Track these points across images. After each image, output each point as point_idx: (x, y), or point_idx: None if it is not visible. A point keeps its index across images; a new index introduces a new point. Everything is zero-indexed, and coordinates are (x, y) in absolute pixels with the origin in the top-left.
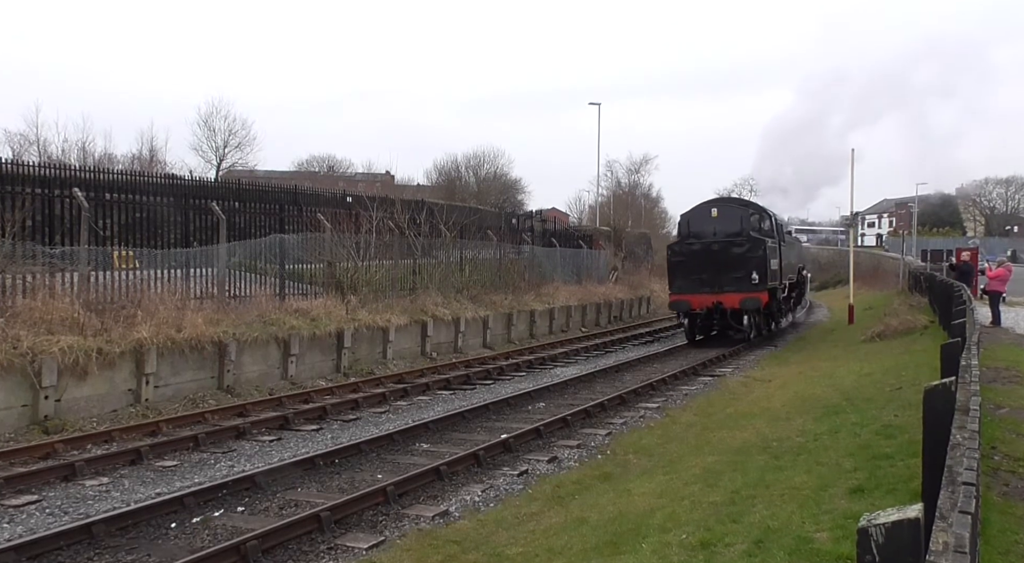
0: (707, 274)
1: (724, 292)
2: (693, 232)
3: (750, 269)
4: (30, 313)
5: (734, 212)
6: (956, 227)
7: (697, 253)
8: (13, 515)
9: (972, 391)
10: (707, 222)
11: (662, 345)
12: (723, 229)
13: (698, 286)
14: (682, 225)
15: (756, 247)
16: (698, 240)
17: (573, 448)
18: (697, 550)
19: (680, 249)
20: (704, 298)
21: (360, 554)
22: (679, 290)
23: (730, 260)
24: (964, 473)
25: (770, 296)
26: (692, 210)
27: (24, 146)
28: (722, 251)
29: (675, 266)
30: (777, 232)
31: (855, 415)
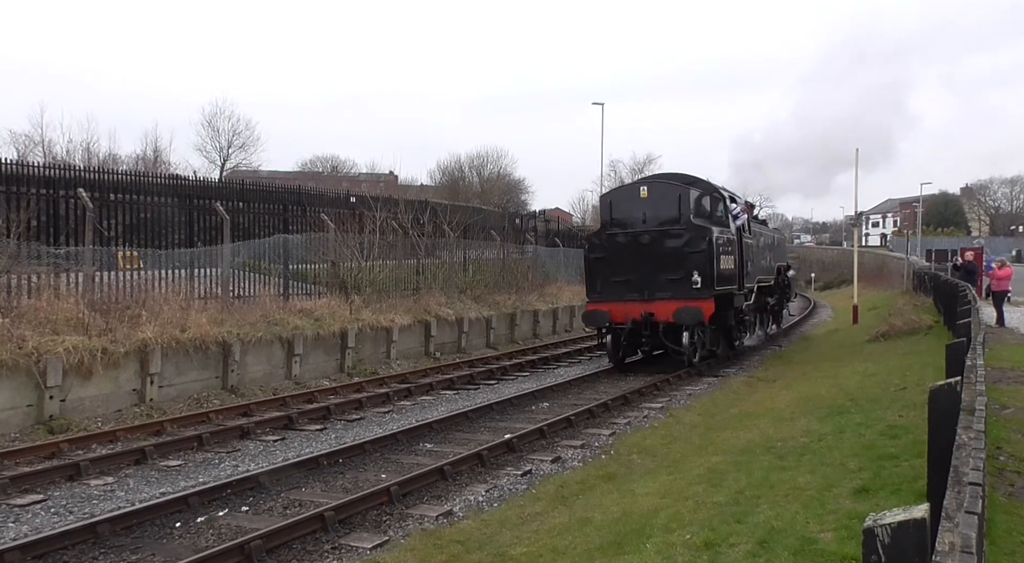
0: (634, 275)
1: (656, 299)
2: (617, 219)
3: (690, 268)
4: (35, 313)
5: (670, 192)
6: (961, 227)
7: (621, 247)
8: (19, 514)
9: (978, 391)
10: (635, 205)
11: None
12: (656, 214)
13: (622, 291)
14: (603, 210)
15: (698, 239)
16: (622, 230)
17: (577, 448)
18: (701, 550)
19: (598, 242)
20: (630, 308)
21: (364, 554)
22: (598, 297)
23: (664, 256)
24: (970, 473)
25: (720, 305)
26: (616, 190)
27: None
28: (654, 244)
29: (592, 265)
30: (734, 219)
31: (860, 415)
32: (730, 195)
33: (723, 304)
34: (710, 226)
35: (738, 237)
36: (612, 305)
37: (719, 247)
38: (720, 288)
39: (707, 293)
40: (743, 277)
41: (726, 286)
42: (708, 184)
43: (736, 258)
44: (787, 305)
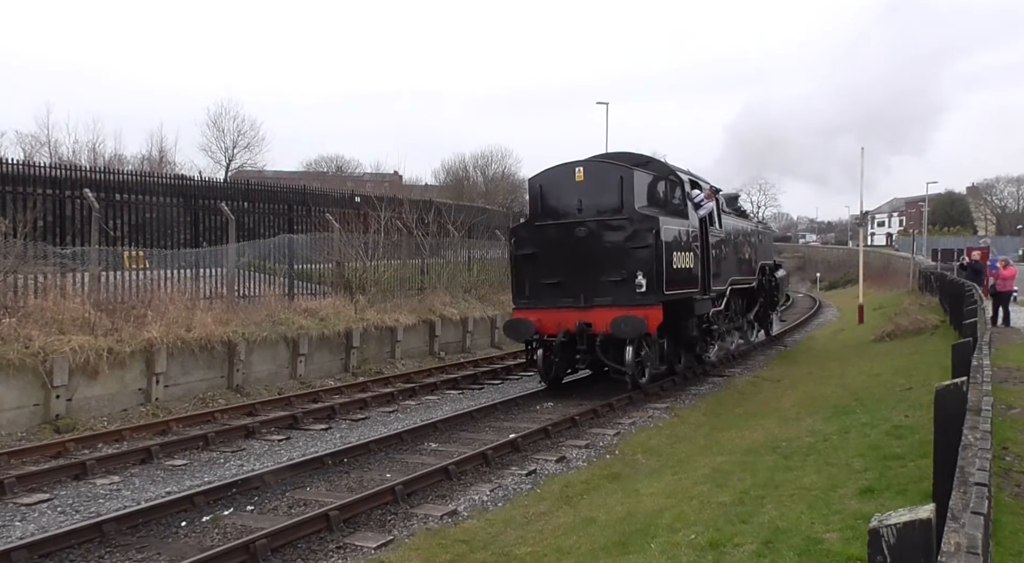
0: (568, 276)
1: (594, 306)
2: (548, 207)
3: (633, 268)
4: (42, 313)
5: (610, 174)
6: (967, 226)
7: (553, 242)
8: (25, 513)
9: (984, 391)
10: (569, 191)
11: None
12: (594, 202)
13: (554, 296)
14: (532, 196)
15: (644, 232)
16: (554, 221)
17: (581, 448)
18: (706, 550)
19: (526, 235)
20: (563, 316)
21: (369, 553)
22: (525, 303)
23: (603, 253)
24: (976, 474)
25: (674, 312)
26: (546, 172)
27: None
28: (591, 239)
29: (519, 264)
30: (696, 208)
31: (865, 415)
32: (691, 179)
33: (679, 311)
34: (660, 216)
35: (701, 230)
36: (542, 313)
37: (672, 242)
38: (673, 292)
39: (654, 298)
40: (708, 278)
41: (683, 289)
42: (662, 165)
43: (698, 256)
44: (778, 310)
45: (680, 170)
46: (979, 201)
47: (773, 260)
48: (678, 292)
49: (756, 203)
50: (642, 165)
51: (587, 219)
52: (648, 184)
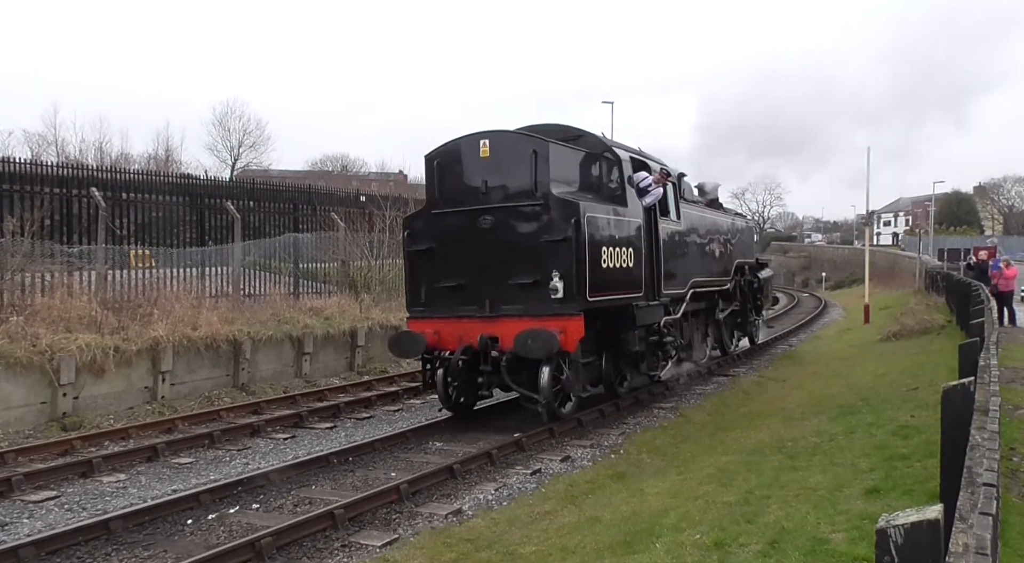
0: (471, 278)
1: (501, 316)
2: (448, 191)
3: (548, 267)
4: (49, 311)
5: (521, 148)
6: (974, 226)
7: (453, 235)
8: (32, 510)
9: (991, 391)
10: (473, 170)
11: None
12: (502, 184)
13: (454, 303)
14: (429, 177)
15: (561, 221)
16: (454, 208)
17: (586, 447)
18: (711, 550)
19: (422, 227)
20: (465, 327)
21: (374, 551)
22: (421, 311)
23: (513, 249)
24: (984, 474)
25: (609, 323)
26: (446, 147)
27: (43, 146)
28: (498, 230)
29: (414, 262)
30: (641, 194)
31: (871, 415)
32: (637, 158)
33: (618, 320)
34: (582, 202)
35: (649, 222)
36: (440, 323)
37: (601, 234)
38: (602, 297)
39: (574, 306)
40: (658, 280)
41: (618, 294)
42: (596, 140)
43: (643, 252)
44: (762, 315)
45: (623, 146)
46: (986, 201)
47: (755, 258)
48: (610, 297)
49: (761, 202)
50: (572, 140)
51: (493, 206)
52: (572, 162)
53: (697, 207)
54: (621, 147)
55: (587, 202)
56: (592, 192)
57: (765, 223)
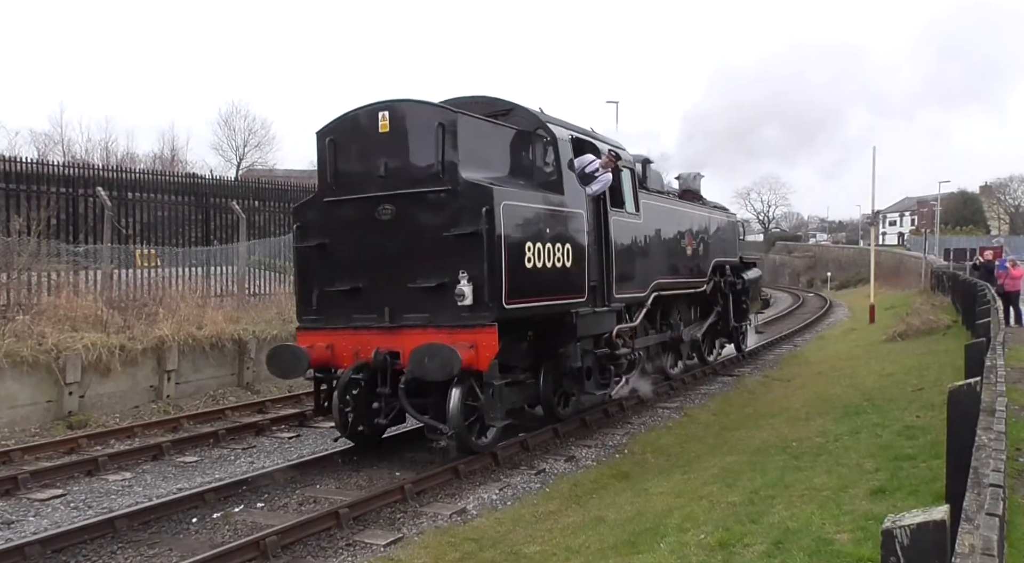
0: (369, 280)
1: (402, 327)
2: (343, 175)
3: (455, 267)
4: (55, 310)
5: (427, 122)
6: (980, 226)
7: (347, 228)
8: (39, 508)
9: (998, 392)
10: (372, 149)
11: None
12: (404, 165)
13: (349, 310)
14: (322, 158)
15: (471, 210)
16: (350, 196)
17: (590, 447)
18: (715, 550)
19: (314, 218)
20: (362, 339)
21: (378, 550)
22: (312, 320)
23: (415, 245)
24: (990, 475)
25: (541, 333)
26: (340, 120)
27: (49, 146)
28: (399, 222)
29: (303, 260)
30: (583, 180)
31: (876, 416)
32: (579, 137)
33: (554, 331)
34: (497, 187)
35: (598, 213)
36: (334, 335)
37: (524, 227)
38: (526, 303)
39: (487, 315)
40: (607, 282)
41: (548, 299)
42: (529, 116)
43: (588, 249)
44: (751, 320)
45: (564, 124)
46: (992, 200)
47: (739, 257)
48: (539, 304)
49: (766, 202)
50: (499, 115)
51: (394, 192)
52: (492, 140)
53: (664, 198)
54: (562, 124)
55: (505, 188)
56: (523, 177)
57: (770, 223)
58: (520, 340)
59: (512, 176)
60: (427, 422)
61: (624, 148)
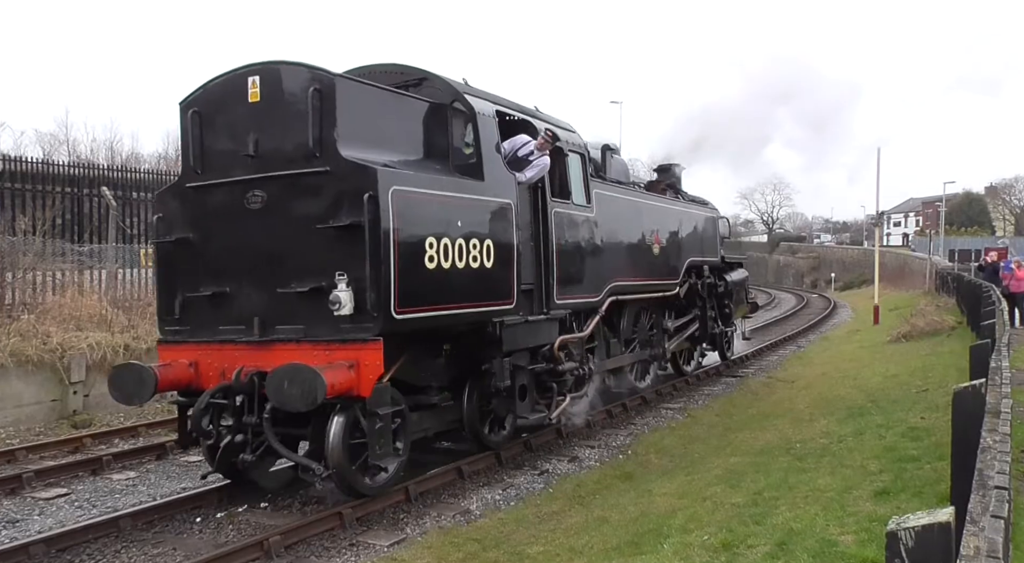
0: (238, 283)
1: (274, 341)
2: (209, 155)
3: (332, 268)
4: (59, 310)
5: (299, 86)
6: (985, 226)
7: (214, 220)
8: (44, 507)
9: (1003, 393)
10: (241, 122)
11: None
12: (276, 142)
13: (216, 320)
14: (185, 135)
15: (350, 198)
16: (216, 180)
17: (594, 448)
18: (719, 551)
19: (176, 207)
20: (227, 356)
21: (381, 550)
22: (174, 331)
23: (288, 240)
24: (995, 477)
25: (447, 351)
26: (206, 89)
27: (54, 146)
28: (270, 213)
29: (164, 258)
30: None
31: (880, 417)
32: (508, 112)
33: (476, 345)
34: (382, 169)
35: (535, 204)
36: (200, 350)
37: (424, 218)
38: (427, 311)
39: (371, 327)
40: (547, 286)
41: (464, 306)
42: (445, 85)
43: (517, 247)
44: (737, 325)
45: (490, 97)
46: (997, 201)
47: (720, 256)
48: (443, 312)
49: (770, 203)
50: (411, 86)
51: (266, 175)
52: (389, 113)
53: (625, 190)
54: (487, 97)
55: (397, 170)
56: (438, 160)
57: (774, 224)
58: (434, 355)
59: (427, 159)
60: (296, 459)
61: (574, 130)
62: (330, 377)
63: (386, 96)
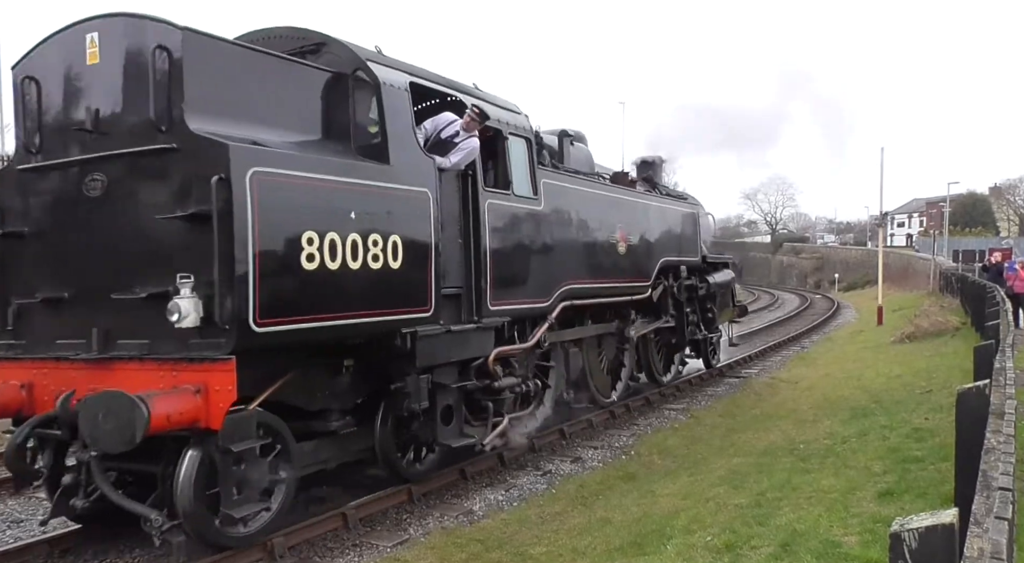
0: (73, 287)
1: (113, 359)
2: (44, 131)
3: (176, 268)
4: None
5: (139, 43)
6: (989, 227)
7: (47, 209)
8: (48, 507)
9: (1007, 394)
10: (78, 89)
11: None
12: (118, 113)
13: (53, 331)
14: (17, 107)
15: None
16: (49, 161)
17: (596, 449)
18: (722, 552)
19: (5, 197)
20: (64, 377)
21: (385, 551)
22: (5, 345)
23: (130, 235)
24: (1000, 478)
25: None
26: (40, 49)
27: None
28: (110, 200)
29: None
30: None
31: (884, 418)
32: (425, 84)
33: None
34: (235, 144)
35: (464, 193)
36: (34, 368)
37: (300, 208)
38: (302, 322)
39: (224, 342)
40: (479, 289)
41: (359, 315)
42: (346, 52)
43: (434, 244)
44: (724, 330)
45: (401, 65)
46: (1001, 201)
47: (700, 255)
48: (327, 323)
49: (774, 203)
50: (309, 53)
51: (106, 154)
52: (272, 83)
53: (583, 181)
54: (400, 67)
55: (259, 148)
56: (340, 141)
57: (777, 224)
58: (332, 372)
59: (327, 140)
60: (129, 507)
61: (520, 111)
62: (162, 406)
63: (265, 62)
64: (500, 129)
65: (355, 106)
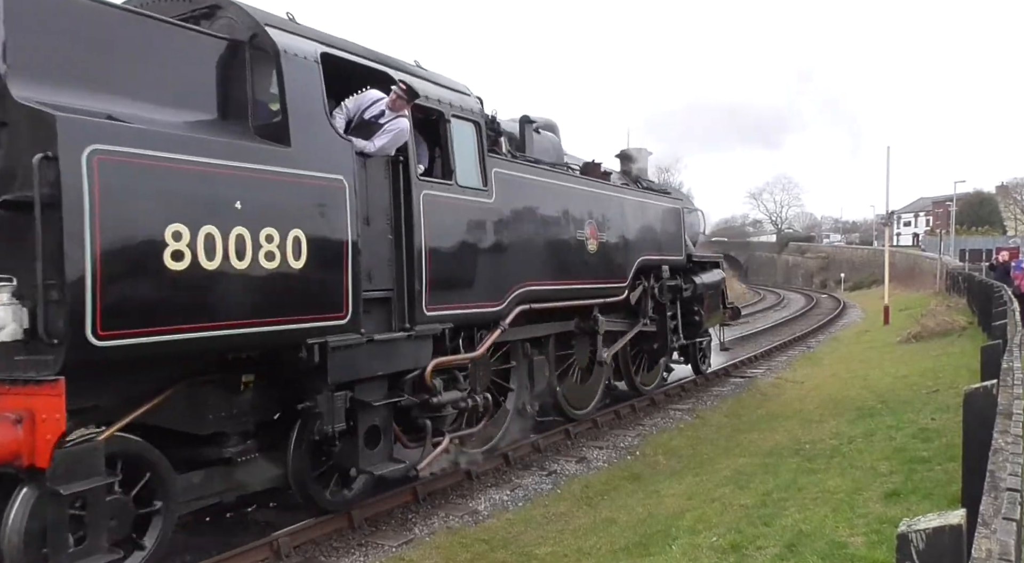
0: None
1: None
2: None
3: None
4: None
5: None
6: (996, 226)
7: None
8: None
9: (1015, 394)
10: None
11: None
12: None
13: None
14: None
15: (25, 157)
16: None
17: (602, 449)
18: (728, 553)
19: None
20: None
21: (390, 551)
22: None
23: None
24: (1007, 479)
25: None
26: None
27: None
28: None
29: None
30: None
31: (890, 418)
32: (335, 53)
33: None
34: (70, 115)
35: (396, 182)
36: None
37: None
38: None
39: (50, 359)
40: (412, 292)
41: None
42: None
43: (350, 240)
44: (707, 336)
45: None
46: (1008, 200)
47: (685, 254)
48: (199, 334)
49: (779, 202)
50: (201, 17)
51: None
52: (144, 48)
53: (543, 171)
54: (309, 35)
55: (104, 121)
56: (234, 119)
57: (783, 223)
58: (227, 390)
59: (224, 119)
60: None
61: (468, 93)
62: None
63: (140, 24)
64: (442, 111)
65: (253, 79)
